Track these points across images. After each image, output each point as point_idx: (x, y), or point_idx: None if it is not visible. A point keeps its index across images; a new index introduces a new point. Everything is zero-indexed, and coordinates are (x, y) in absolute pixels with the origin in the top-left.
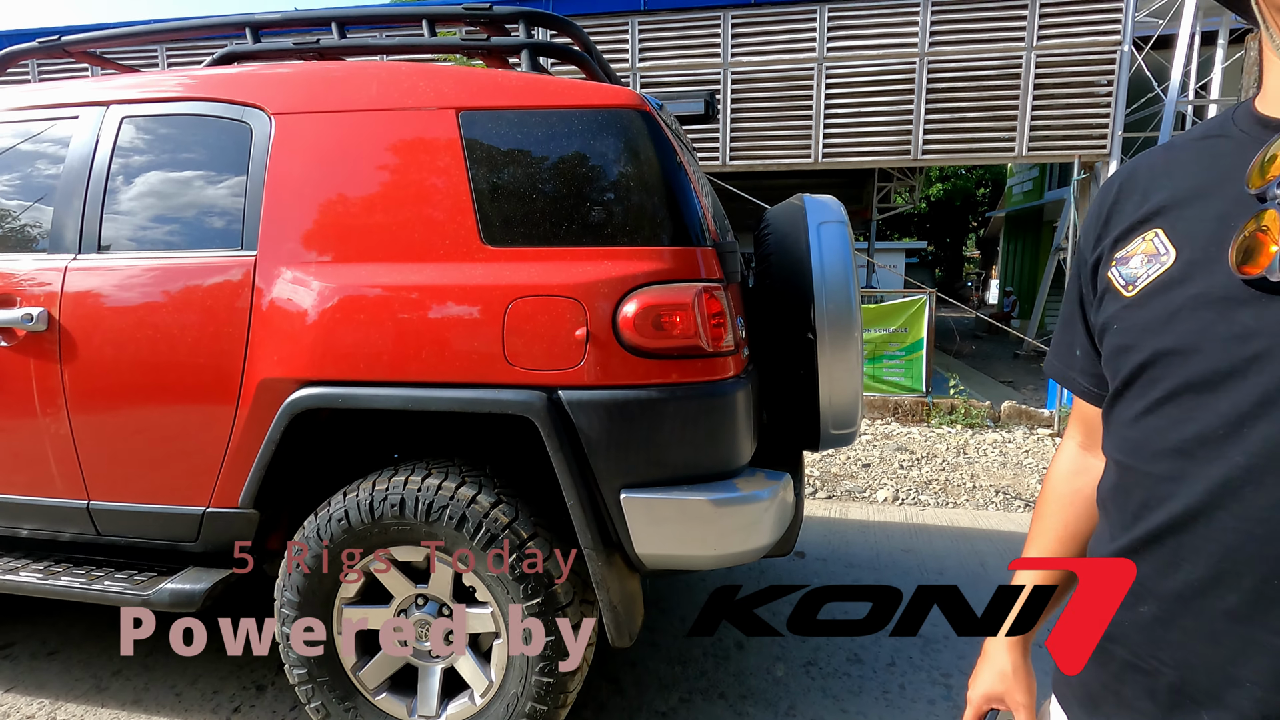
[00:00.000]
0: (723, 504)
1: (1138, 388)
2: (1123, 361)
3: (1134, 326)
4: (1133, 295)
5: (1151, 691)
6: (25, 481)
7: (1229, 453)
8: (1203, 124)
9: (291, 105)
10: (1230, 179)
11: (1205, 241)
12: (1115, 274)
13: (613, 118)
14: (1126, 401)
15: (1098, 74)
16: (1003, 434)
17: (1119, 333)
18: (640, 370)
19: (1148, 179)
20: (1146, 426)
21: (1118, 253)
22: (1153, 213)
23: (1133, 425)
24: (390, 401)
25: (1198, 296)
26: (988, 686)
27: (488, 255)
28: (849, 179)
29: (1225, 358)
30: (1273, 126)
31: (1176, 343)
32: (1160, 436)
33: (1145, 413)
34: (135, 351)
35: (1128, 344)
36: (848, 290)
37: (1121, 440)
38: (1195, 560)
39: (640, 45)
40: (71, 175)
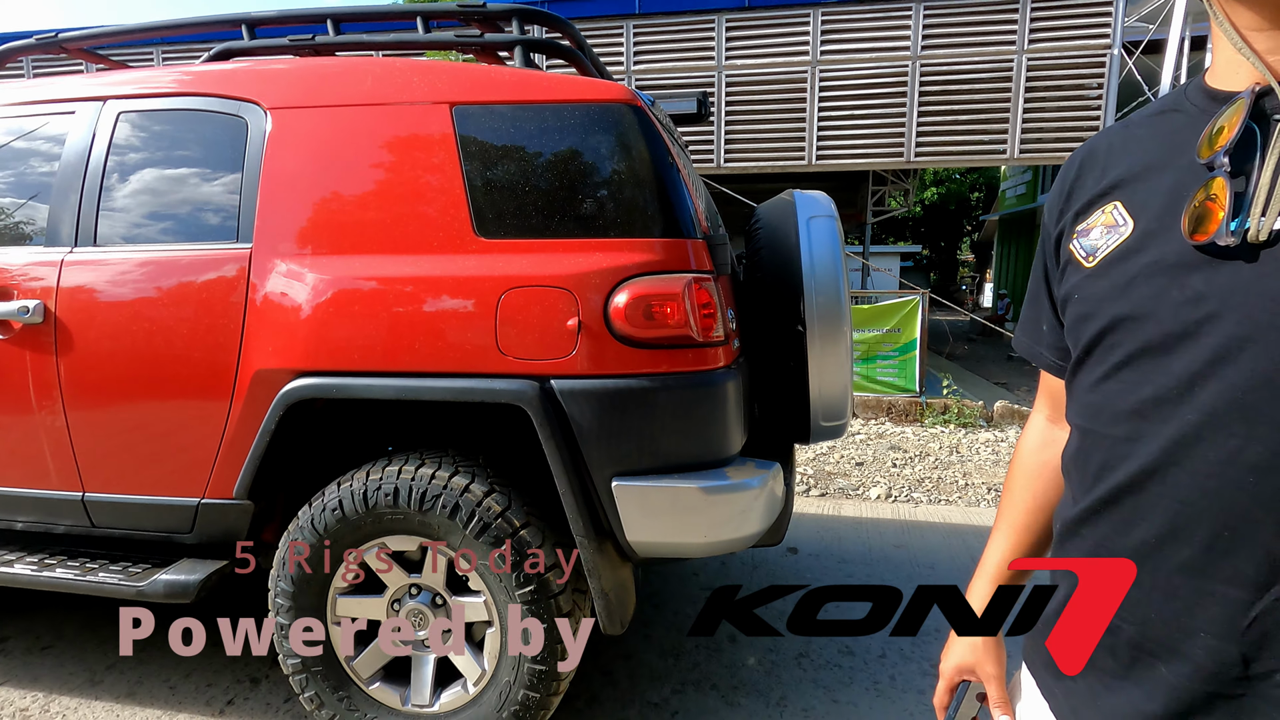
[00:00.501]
0: (713, 492)
1: (1097, 354)
2: (1083, 329)
3: (1093, 295)
4: (1093, 265)
5: (1113, 649)
6: (20, 474)
7: (1182, 412)
8: (1158, 100)
9: (287, 100)
10: (1183, 151)
11: (1160, 211)
12: (1076, 245)
13: (605, 112)
14: (1087, 368)
15: (1088, 77)
16: (995, 433)
17: (1079, 302)
18: (631, 360)
19: (1106, 154)
20: (1105, 391)
21: (1079, 225)
22: (1111, 186)
23: (1093, 390)
24: (384, 391)
25: (1152, 264)
26: (959, 658)
27: (481, 247)
28: (843, 182)
29: (1177, 321)
30: (1221, 99)
31: (1132, 309)
32: (1118, 400)
33: (1104, 378)
34: (131, 344)
35: (1088, 312)
36: (837, 283)
37: (1083, 406)
38: (1151, 517)
39: (635, 48)
40: (68, 169)
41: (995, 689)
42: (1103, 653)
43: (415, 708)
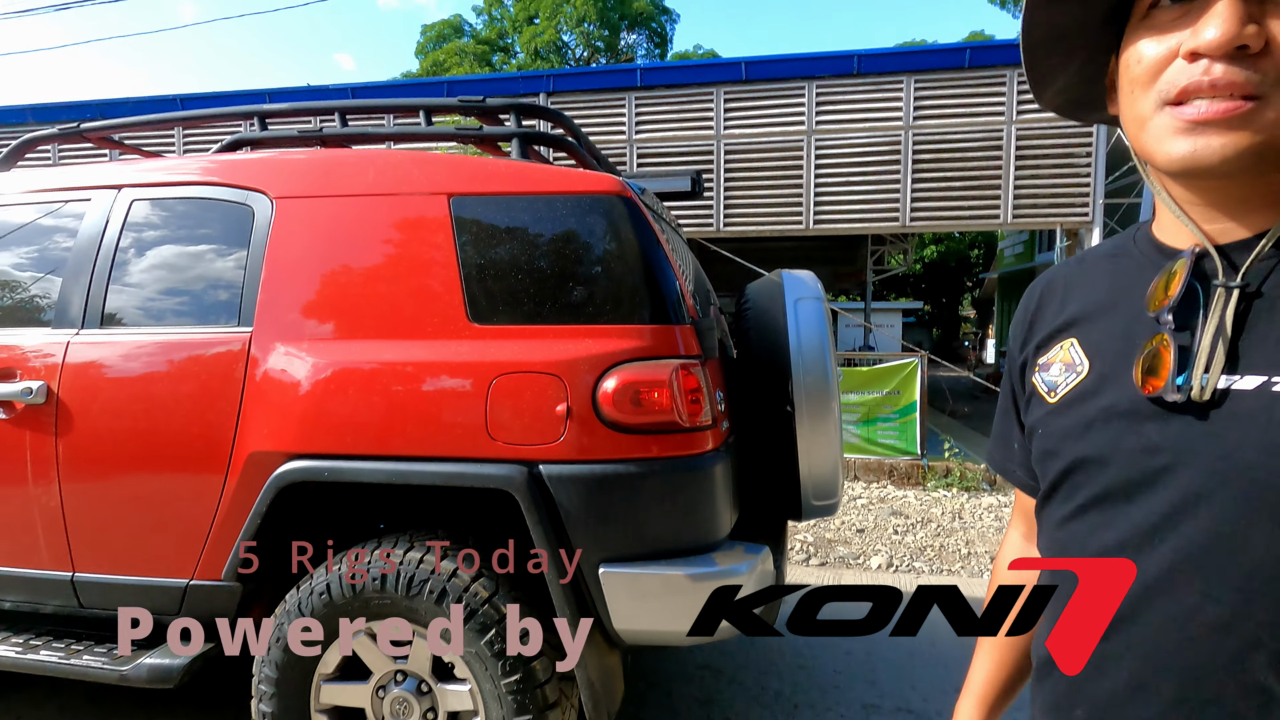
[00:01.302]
0: (701, 579)
1: (1063, 492)
2: (1048, 466)
3: (1056, 432)
4: (1055, 402)
5: None
6: (11, 552)
7: (1142, 562)
8: (1110, 240)
9: (292, 190)
10: (1131, 297)
11: (1113, 356)
12: (1039, 380)
13: (596, 203)
14: (1054, 504)
15: (1076, 146)
16: (999, 497)
17: (1044, 437)
18: (619, 445)
19: (1064, 289)
20: (1071, 531)
21: (1040, 358)
22: (1068, 322)
23: (1060, 528)
24: (375, 475)
25: (1108, 409)
26: None
27: (474, 333)
28: (842, 242)
29: (1136, 469)
30: (1167, 254)
31: (1092, 451)
32: (1083, 542)
33: (1069, 518)
34: (130, 424)
35: (1051, 449)
36: (824, 364)
37: (1051, 542)
38: (1119, 667)
39: (637, 119)
40: (80, 253)
41: None
42: None
43: None
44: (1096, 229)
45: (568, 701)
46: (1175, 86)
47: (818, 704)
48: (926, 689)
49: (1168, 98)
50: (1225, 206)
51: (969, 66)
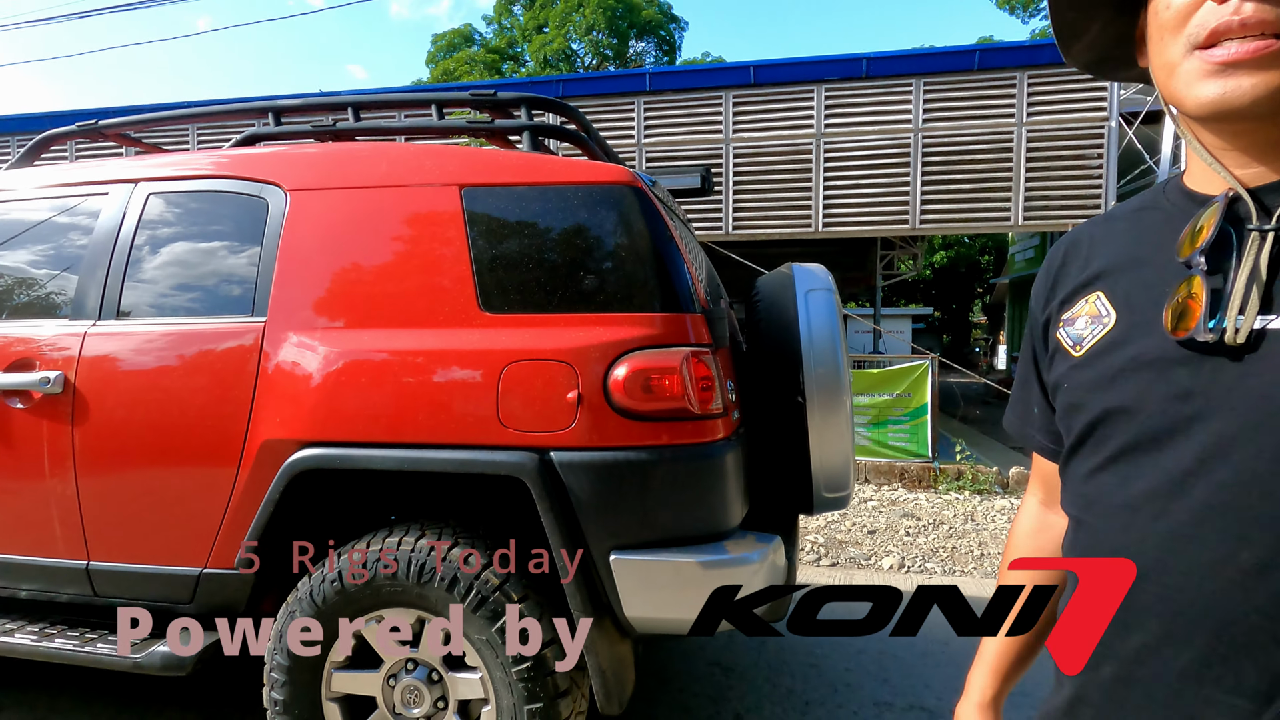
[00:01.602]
0: (712, 566)
1: (1090, 445)
2: (1074, 419)
3: (1082, 385)
4: (1080, 355)
5: None
6: (28, 542)
7: (1173, 509)
8: (1139, 196)
9: (306, 182)
10: (1161, 247)
11: (1142, 305)
12: (1063, 334)
13: (606, 194)
14: (1080, 458)
15: (1088, 148)
16: (1012, 500)
17: (1069, 391)
18: (630, 432)
19: (1089, 245)
20: (1099, 483)
21: (1064, 314)
22: (1094, 276)
23: (1086, 481)
24: (387, 463)
25: (1137, 357)
26: None
27: (485, 321)
28: (852, 247)
29: (1166, 416)
30: (1198, 201)
31: (1122, 401)
32: (1111, 493)
33: (1097, 469)
34: (146, 414)
35: (1078, 402)
36: (835, 355)
37: (1076, 496)
38: (1148, 619)
39: (646, 123)
40: (98, 246)
41: None
42: None
43: None
44: None
45: (579, 690)
46: (1205, 29)
47: (829, 701)
48: (940, 687)
49: (1197, 41)
50: (1257, 150)
51: (978, 69)
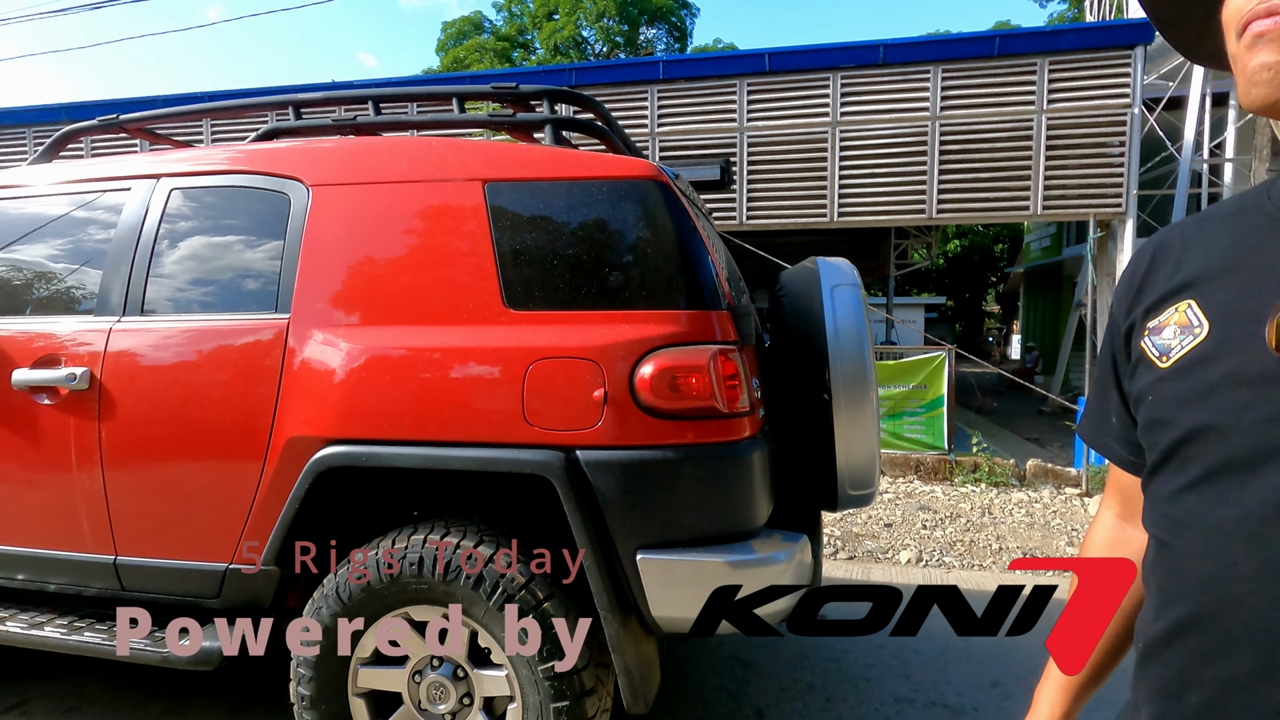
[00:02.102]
0: (740, 566)
1: (1175, 463)
2: (1159, 435)
3: (1169, 400)
4: (1167, 367)
5: None
6: (57, 537)
7: (1270, 536)
8: (1237, 197)
9: (328, 177)
10: (1263, 256)
11: (1240, 318)
12: (1148, 344)
13: (631, 188)
14: (1165, 477)
15: (1109, 135)
16: (1029, 493)
17: (1154, 405)
18: (656, 431)
19: (1181, 249)
20: (1185, 504)
21: (1150, 322)
22: (1185, 284)
23: (1171, 502)
24: (412, 460)
25: (1234, 374)
26: None
27: (510, 318)
28: (866, 236)
29: (1264, 438)
30: None
31: (1214, 419)
32: (1199, 516)
33: (1184, 490)
34: (171, 410)
35: (1163, 418)
36: (862, 352)
37: (1161, 517)
38: (1241, 649)
39: (659, 112)
40: (121, 242)
41: None
42: None
43: None
44: (1130, 220)
45: (604, 688)
46: (1239, 14)
47: (850, 697)
48: (961, 684)
49: (1239, 30)
50: None
51: (998, 55)
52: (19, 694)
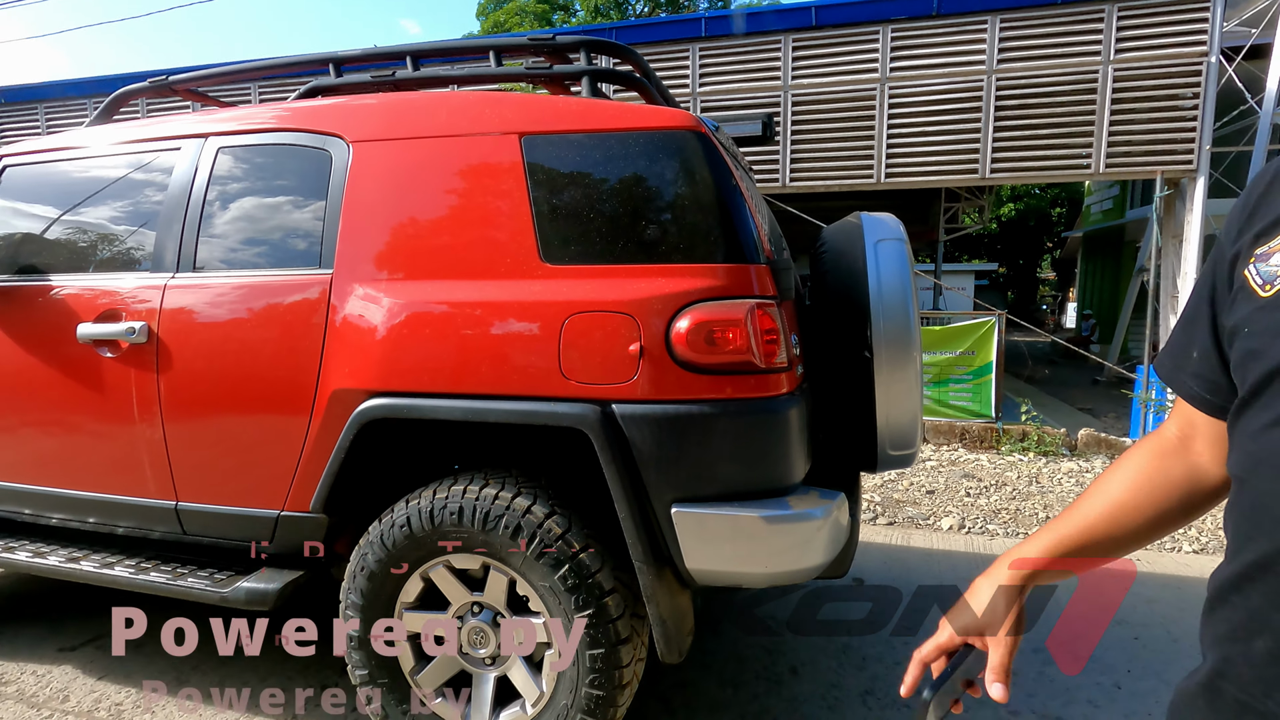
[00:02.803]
0: (775, 521)
1: (1265, 398)
2: (1251, 368)
3: (1265, 330)
4: (1269, 295)
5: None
6: (123, 482)
7: None
8: None
9: (368, 134)
10: None
11: None
12: (1252, 271)
13: (669, 139)
14: (1253, 413)
15: (1182, 87)
16: (1080, 463)
17: (1249, 336)
18: (693, 385)
19: None
20: (1269, 441)
21: (1259, 249)
22: None
23: (1256, 439)
24: (451, 412)
25: None
26: (969, 621)
27: (546, 272)
28: (914, 199)
29: None
30: None
31: None
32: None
33: (1270, 426)
34: (223, 363)
35: (1257, 349)
36: (906, 308)
37: (1244, 455)
38: None
39: (701, 70)
40: (173, 200)
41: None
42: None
43: None
44: (1201, 178)
45: (639, 638)
46: None
47: (886, 658)
48: None
49: None
50: None
51: (1061, 2)
52: (94, 630)
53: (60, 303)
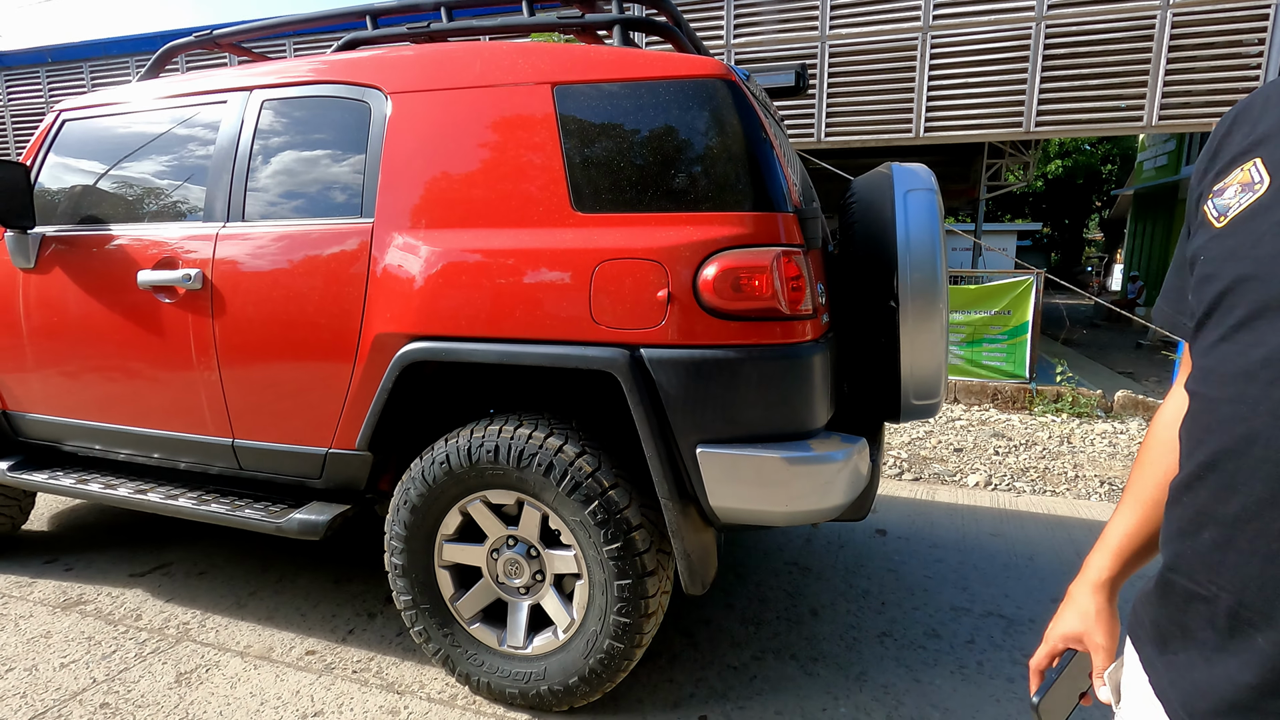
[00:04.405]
0: (796, 462)
1: (1216, 317)
2: (1205, 291)
3: (1218, 255)
4: (1223, 225)
5: (1212, 619)
6: (184, 420)
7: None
8: None
9: (405, 85)
10: None
11: None
12: (1210, 206)
13: (700, 88)
14: (1205, 331)
15: (1247, 32)
16: (1114, 425)
17: (1205, 263)
18: (719, 331)
19: (1261, 108)
20: (1218, 353)
21: (1216, 185)
22: (1256, 142)
23: (1207, 354)
24: (488, 355)
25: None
26: (1067, 627)
27: (577, 221)
28: (955, 155)
29: None
30: None
31: (1255, 268)
32: (1229, 362)
33: (1219, 340)
34: (272, 307)
35: (1210, 273)
36: (934, 259)
37: (1196, 371)
38: (1253, 482)
39: (735, 21)
40: (222, 152)
41: (1102, 659)
42: (1201, 623)
43: (510, 648)
44: None
45: (664, 571)
46: None
47: (905, 603)
48: (1021, 598)
49: None
50: None
51: None
52: (161, 558)
53: (121, 251)
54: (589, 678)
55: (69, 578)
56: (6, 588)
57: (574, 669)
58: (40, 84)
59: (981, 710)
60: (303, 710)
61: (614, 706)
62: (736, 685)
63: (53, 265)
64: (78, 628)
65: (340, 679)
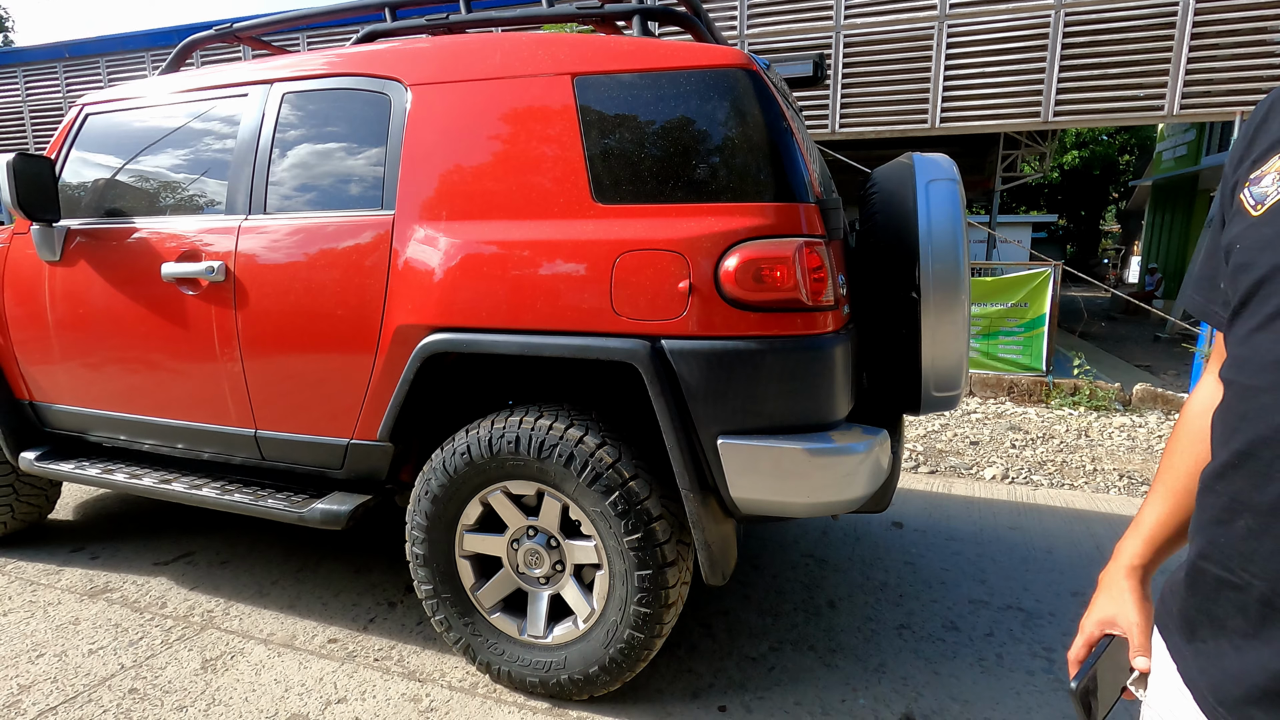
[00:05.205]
0: (817, 454)
1: (1253, 306)
2: (1241, 280)
3: (1255, 244)
4: (1259, 214)
5: (1243, 607)
6: (207, 411)
7: None
8: None
9: (425, 76)
10: None
11: None
12: (1246, 194)
13: (720, 78)
14: (1241, 320)
15: (1271, 19)
16: (1133, 418)
17: (1240, 251)
18: (740, 322)
19: None
20: (1254, 343)
21: (1253, 173)
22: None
23: (1243, 342)
24: (509, 347)
25: None
26: (1102, 612)
27: (598, 212)
28: (970, 146)
29: None
30: None
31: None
32: (1265, 351)
33: (1256, 329)
34: (294, 299)
35: (1247, 261)
36: (956, 250)
37: (1232, 359)
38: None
39: (749, 11)
40: (243, 145)
41: (1139, 636)
42: (1231, 611)
43: (531, 638)
44: None
45: (684, 562)
46: None
47: (923, 595)
48: (1040, 591)
49: None
50: None
51: None
52: (185, 547)
53: (144, 244)
54: (609, 667)
55: (95, 566)
56: (35, 575)
57: (594, 658)
58: (58, 79)
59: (1001, 703)
60: (326, 697)
61: (634, 696)
62: (755, 676)
63: (77, 258)
64: (105, 615)
65: (362, 666)
